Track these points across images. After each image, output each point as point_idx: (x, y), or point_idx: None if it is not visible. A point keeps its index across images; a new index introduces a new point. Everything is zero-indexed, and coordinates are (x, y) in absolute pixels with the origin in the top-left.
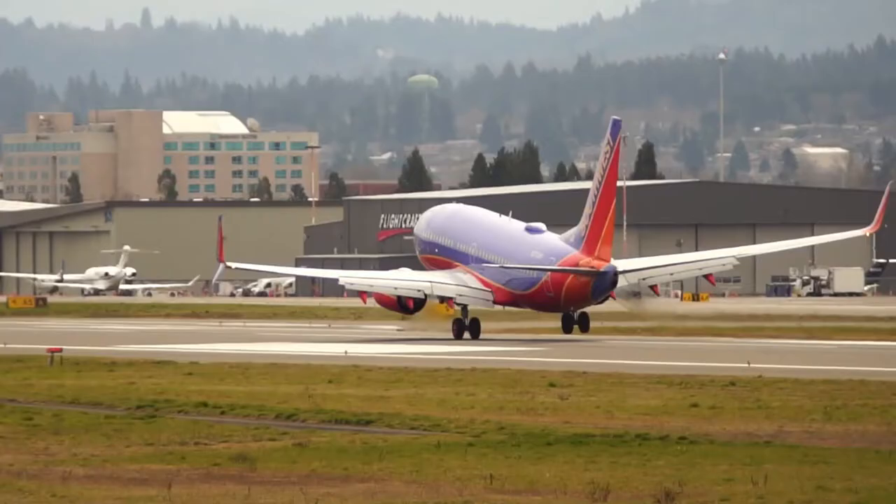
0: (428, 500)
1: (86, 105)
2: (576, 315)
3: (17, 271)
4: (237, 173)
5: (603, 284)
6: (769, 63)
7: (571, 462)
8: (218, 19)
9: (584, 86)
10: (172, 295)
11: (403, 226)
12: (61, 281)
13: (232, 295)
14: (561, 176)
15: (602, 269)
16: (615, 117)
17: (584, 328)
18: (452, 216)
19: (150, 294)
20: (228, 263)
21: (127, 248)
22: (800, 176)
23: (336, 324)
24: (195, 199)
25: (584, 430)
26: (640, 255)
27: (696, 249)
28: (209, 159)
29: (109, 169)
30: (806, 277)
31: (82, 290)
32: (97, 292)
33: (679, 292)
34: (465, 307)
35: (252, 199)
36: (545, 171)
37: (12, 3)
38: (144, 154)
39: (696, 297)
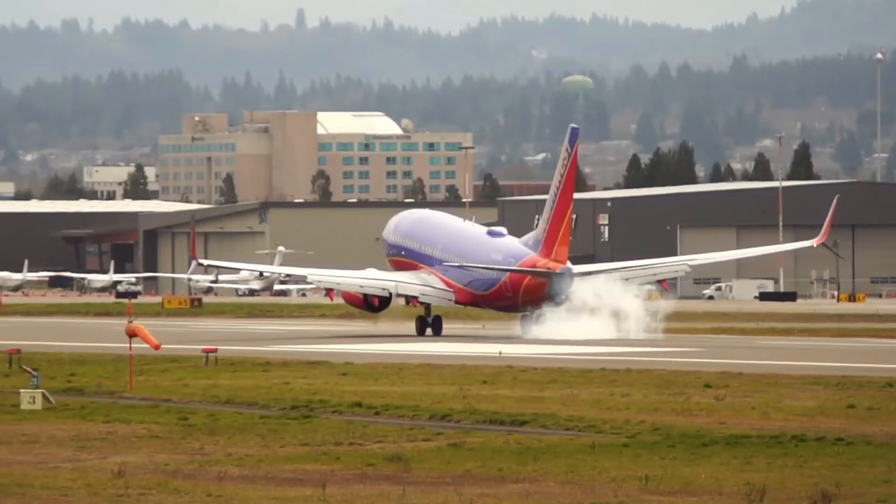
0: (583, 501)
1: (240, 106)
2: (534, 316)
3: (173, 272)
4: (391, 174)
5: (559, 285)
6: None
7: (727, 463)
8: (372, 20)
9: (739, 86)
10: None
11: None
12: (216, 281)
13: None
14: (716, 176)
15: (558, 271)
16: (573, 125)
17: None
18: (419, 221)
19: (304, 294)
20: (200, 260)
21: (281, 248)
22: None
23: (490, 325)
24: (349, 200)
25: (739, 431)
26: (796, 257)
27: (853, 251)
28: (363, 160)
29: (264, 170)
30: None
31: (237, 290)
32: (252, 293)
33: (835, 293)
34: (428, 306)
35: (406, 200)
36: (700, 171)
37: (168, 5)
38: (299, 155)
39: (852, 298)
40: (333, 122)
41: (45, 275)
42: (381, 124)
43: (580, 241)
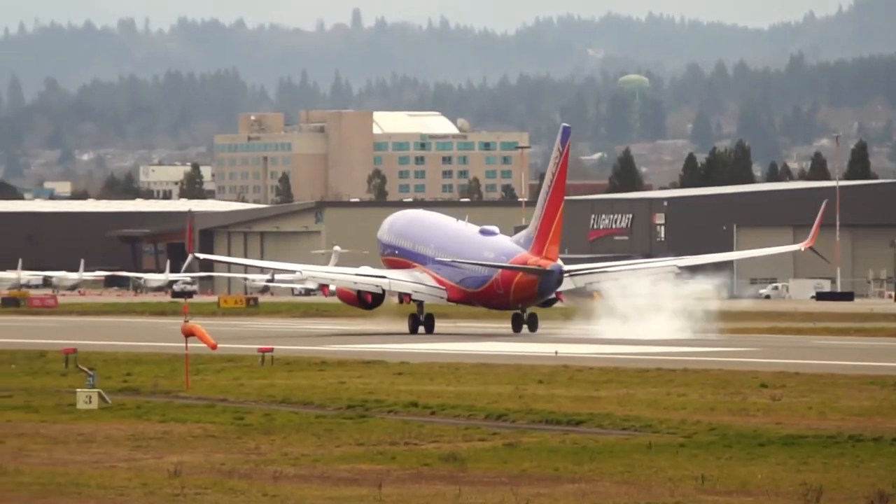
0: (639, 501)
1: (296, 105)
2: (525, 315)
3: (229, 271)
4: (447, 173)
5: (549, 282)
6: None
7: (783, 463)
8: (428, 19)
9: (796, 85)
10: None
11: (614, 226)
12: (272, 281)
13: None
14: (773, 176)
15: (548, 268)
16: (565, 125)
17: (533, 328)
18: (412, 221)
19: (305, 293)
20: (197, 254)
21: (337, 248)
22: None
23: (546, 324)
24: (405, 200)
25: (796, 431)
26: (854, 256)
27: None
28: (419, 159)
29: (320, 169)
30: None
31: (293, 289)
32: (308, 292)
33: (892, 293)
34: (420, 303)
35: (462, 200)
36: (757, 170)
37: (224, 5)
38: (355, 154)
39: None
40: (389, 122)
41: (101, 274)
42: (436, 124)
43: (636, 240)
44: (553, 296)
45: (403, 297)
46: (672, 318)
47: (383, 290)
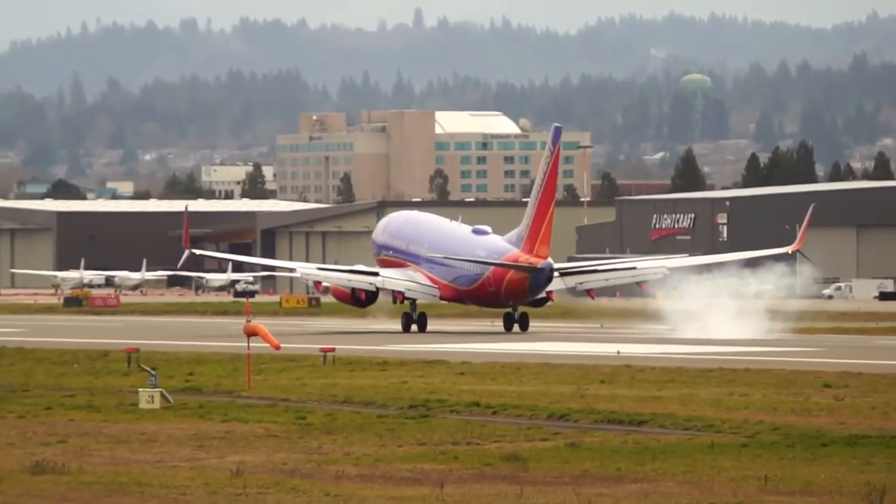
0: (701, 501)
1: (358, 105)
2: (516, 314)
3: (290, 271)
4: (509, 173)
5: (539, 280)
6: None
7: (846, 463)
8: (490, 19)
9: (859, 85)
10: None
11: (676, 226)
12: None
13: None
14: (836, 176)
15: (539, 266)
16: (556, 125)
17: (524, 327)
18: (406, 221)
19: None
20: (193, 250)
21: None
22: None
23: (608, 324)
24: (467, 199)
25: (859, 431)
26: None
27: None
28: (481, 159)
29: (381, 169)
30: None
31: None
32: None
33: None
34: (413, 301)
35: (524, 199)
36: (819, 170)
37: (286, 5)
38: (416, 154)
39: None
40: (451, 122)
41: (163, 274)
42: (498, 123)
43: (699, 240)
44: (544, 295)
45: (397, 296)
46: (734, 317)
47: (377, 288)
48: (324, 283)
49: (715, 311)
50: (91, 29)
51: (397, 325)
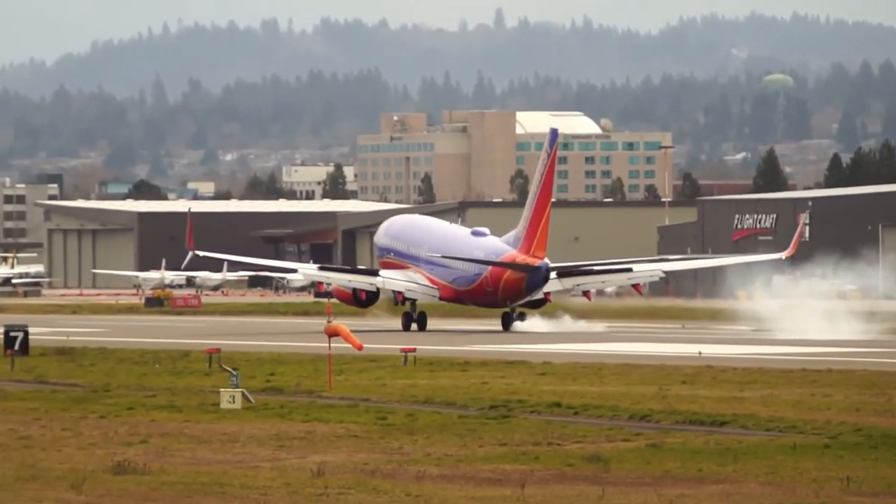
0: (784, 502)
1: (439, 105)
2: (515, 314)
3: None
4: (590, 173)
5: (536, 280)
6: None
7: None
8: (571, 19)
9: None
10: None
11: (758, 226)
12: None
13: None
14: None
15: (536, 265)
16: (553, 127)
17: (522, 319)
18: (407, 224)
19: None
20: (197, 251)
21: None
22: None
23: (690, 324)
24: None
25: None
26: None
27: None
28: (562, 159)
29: (462, 169)
30: None
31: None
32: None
33: None
34: (413, 301)
35: (605, 200)
36: None
37: (367, 5)
38: (497, 154)
39: None
40: (532, 122)
41: (244, 274)
42: (579, 124)
43: (781, 240)
44: (542, 296)
45: (397, 297)
46: (817, 318)
47: (377, 289)
48: (325, 285)
49: (794, 311)
50: (172, 29)
51: (397, 325)
